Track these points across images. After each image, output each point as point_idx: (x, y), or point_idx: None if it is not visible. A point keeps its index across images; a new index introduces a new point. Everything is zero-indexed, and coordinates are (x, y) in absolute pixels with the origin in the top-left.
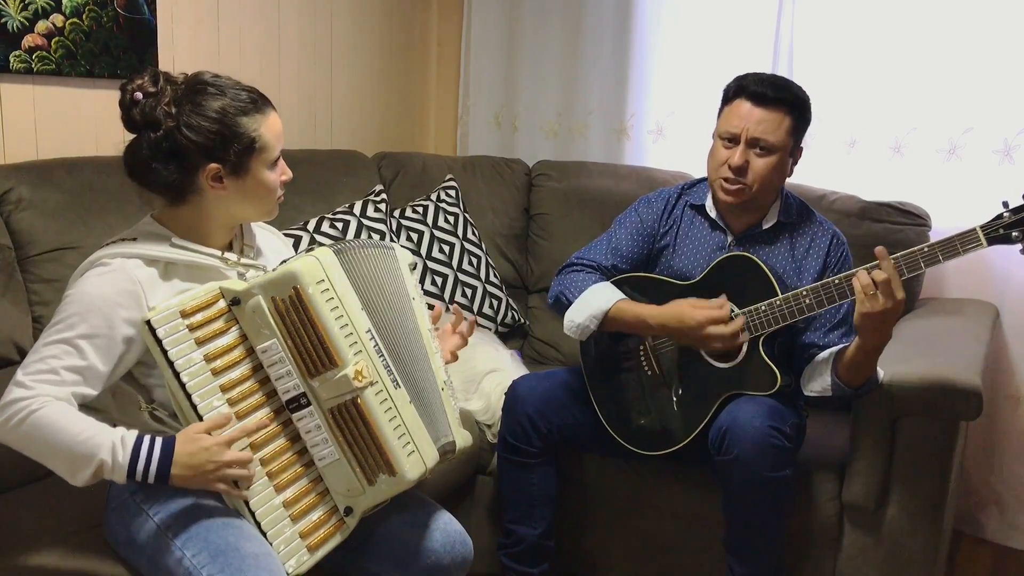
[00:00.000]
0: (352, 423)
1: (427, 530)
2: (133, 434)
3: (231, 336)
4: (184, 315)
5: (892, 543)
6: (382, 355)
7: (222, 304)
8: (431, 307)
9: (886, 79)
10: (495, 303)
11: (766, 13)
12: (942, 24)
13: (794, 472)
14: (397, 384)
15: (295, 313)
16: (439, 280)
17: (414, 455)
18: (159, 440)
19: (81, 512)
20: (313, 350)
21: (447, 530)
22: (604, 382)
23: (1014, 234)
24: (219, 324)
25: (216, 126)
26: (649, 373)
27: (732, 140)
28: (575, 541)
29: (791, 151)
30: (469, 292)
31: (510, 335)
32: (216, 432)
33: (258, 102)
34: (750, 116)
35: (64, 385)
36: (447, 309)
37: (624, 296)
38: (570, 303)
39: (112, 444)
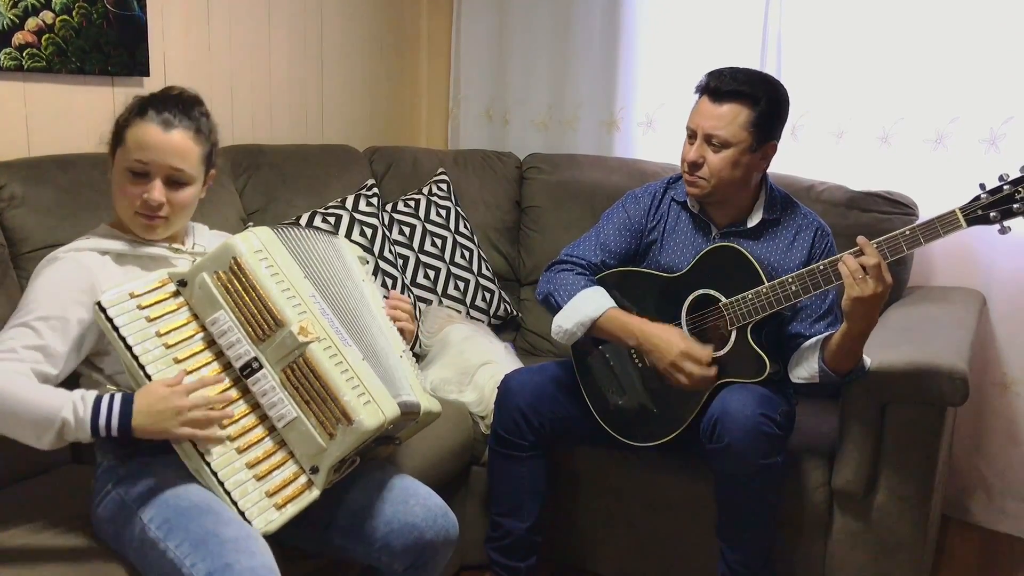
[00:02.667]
0: (304, 379)
1: (406, 505)
2: (92, 392)
3: (182, 315)
4: (133, 296)
5: (881, 528)
6: (328, 316)
7: (171, 287)
8: (392, 277)
9: (873, 70)
10: (488, 296)
11: (754, 5)
12: (928, 15)
13: (784, 459)
14: (347, 343)
15: (237, 282)
16: (432, 273)
17: (371, 404)
18: (118, 395)
19: (69, 510)
20: (258, 313)
21: (427, 504)
22: (595, 375)
23: (992, 214)
24: (169, 304)
25: (126, 114)
26: (639, 365)
27: (693, 136)
28: (567, 532)
29: (751, 146)
30: (462, 285)
31: (503, 327)
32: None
33: (144, 107)
34: (705, 112)
35: (23, 362)
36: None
37: (614, 304)
38: (559, 306)
39: (72, 403)
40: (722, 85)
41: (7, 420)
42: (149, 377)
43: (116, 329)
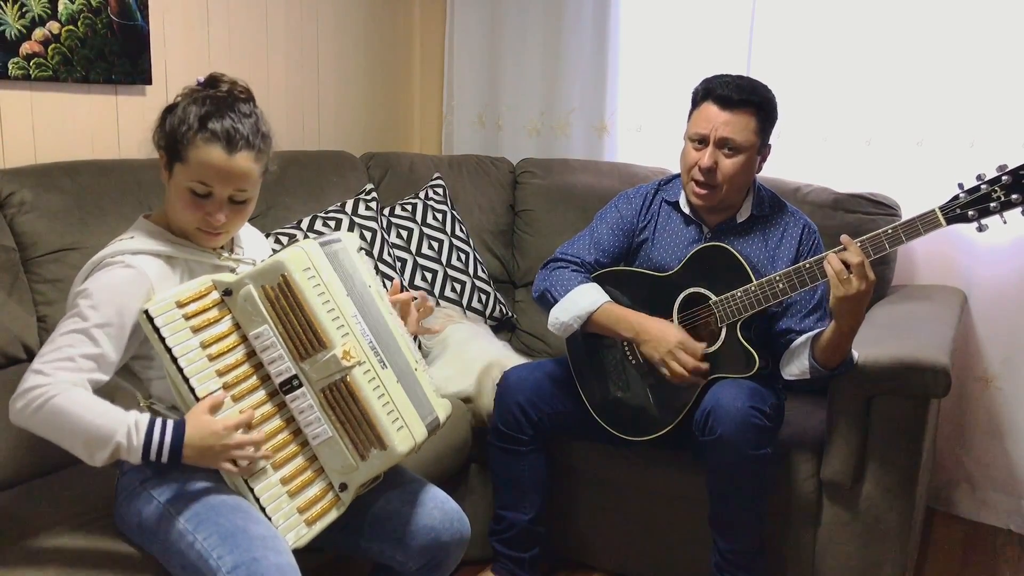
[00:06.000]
0: (343, 401)
1: (425, 508)
2: (146, 417)
3: (225, 325)
4: (180, 305)
5: (868, 518)
6: (368, 337)
7: (215, 295)
8: (390, 279)
9: (857, 74)
10: (483, 298)
11: (740, 13)
12: (911, 20)
13: (774, 450)
14: (384, 364)
15: (284, 299)
16: (428, 276)
17: (403, 430)
18: (170, 423)
19: (91, 503)
20: (303, 333)
21: (444, 508)
22: (590, 372)
23: (970, 213)
24: (213, 313)
25: (183, 126)
26: (633, 362)
27: (701, 142)
28: (565, 525)
29: (758, 149)
30: (458, 287)
31: (498, 328)
32: (220, 414)
33: (203, 123)
34: (717, 118)
35: (80, 372)
36: (403, 288)
37: (609, 299)
38: (556, 301)
39: (127, 427)
40: (733, 94)
41: (64, 435)
42: (194, 391)
43: (163, 340)
